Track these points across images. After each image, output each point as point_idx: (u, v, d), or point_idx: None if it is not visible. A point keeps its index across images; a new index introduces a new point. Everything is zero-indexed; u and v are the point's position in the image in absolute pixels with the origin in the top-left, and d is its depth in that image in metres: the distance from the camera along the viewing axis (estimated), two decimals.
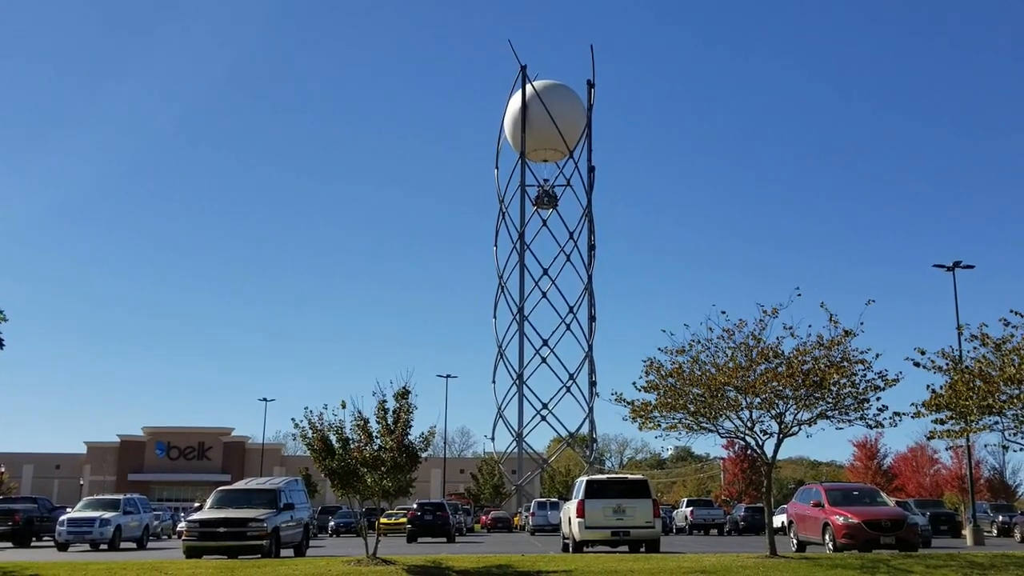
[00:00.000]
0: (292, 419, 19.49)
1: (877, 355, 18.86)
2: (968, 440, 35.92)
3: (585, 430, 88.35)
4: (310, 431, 19.14)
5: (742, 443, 28.36)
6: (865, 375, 18.82)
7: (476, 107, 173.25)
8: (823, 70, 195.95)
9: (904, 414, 18.13)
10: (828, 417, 19.35)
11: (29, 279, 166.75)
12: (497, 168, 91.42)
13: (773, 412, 19.43)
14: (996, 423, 17.54)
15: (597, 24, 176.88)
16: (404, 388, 18.91)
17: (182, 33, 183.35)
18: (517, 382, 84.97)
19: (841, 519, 22.18)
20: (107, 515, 31.46)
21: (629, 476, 26.22)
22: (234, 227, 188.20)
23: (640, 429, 20.45)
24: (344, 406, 18.97)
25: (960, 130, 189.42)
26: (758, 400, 19.25)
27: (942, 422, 17.76)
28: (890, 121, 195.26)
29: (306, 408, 19.29)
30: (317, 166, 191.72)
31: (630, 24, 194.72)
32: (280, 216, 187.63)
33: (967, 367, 17.32)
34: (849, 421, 19.43)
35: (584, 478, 25.73)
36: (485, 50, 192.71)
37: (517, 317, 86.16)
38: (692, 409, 19.60)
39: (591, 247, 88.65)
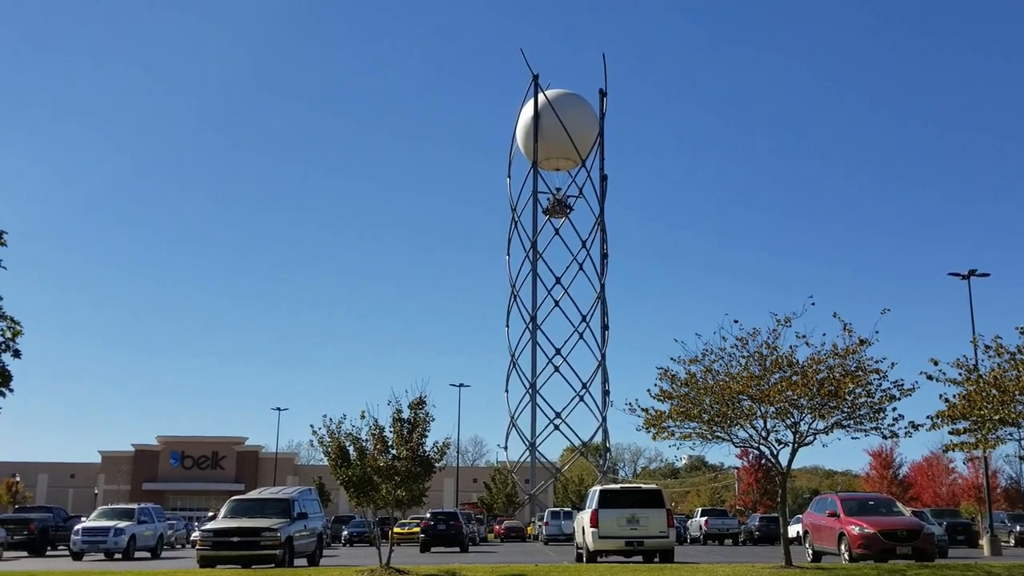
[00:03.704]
0: (311, 426, 19.57)
1: (892, 364, 18.79)
2: (985, 451, 35.72)
3: (598, 439, 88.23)
4: (328, 439, 19.19)
5: (756, 452, 28.24)
6: (880, 384, 18.75)
7: (489, 115, 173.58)
8: (838, 77, 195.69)
9: (920, 425, 18.04)
10: (843, 427, 19.27)
11: (43, 285, 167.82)
12: (509, 177, 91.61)
13: (788, 421, 19.37)
14: (1012, 435, 17.44)
15: (609, 33, 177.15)
16: (420, 398, 18.95)
17: (196, 31, 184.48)
18: (530, 391, 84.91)
19: (857, 529, 22.08)
20: (121, 524, 31.59)
21: (643, 485, 26.18)
22: (247, 234, 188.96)
23: (654, 439, 20.43)
24: (363, 416, 19.04)
25: (976, 136, 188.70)
26: (772, 409, 19.20)
27: (958, 433, 17.66)
28: (906, 127, 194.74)
29: (324, 416, 19.38)
30: (330, 171, 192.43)
31: (643, 33, 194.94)
32: (293, 223, 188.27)
33: (982, 376, 17.22)
34: (864, 431, 19.35)
35: (598, 487, 25.69)
36: (497, 58, 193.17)
37: (530, 326, 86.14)
38: (706, 418, 19.56)
39: (604, 256, 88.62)
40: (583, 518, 25.15)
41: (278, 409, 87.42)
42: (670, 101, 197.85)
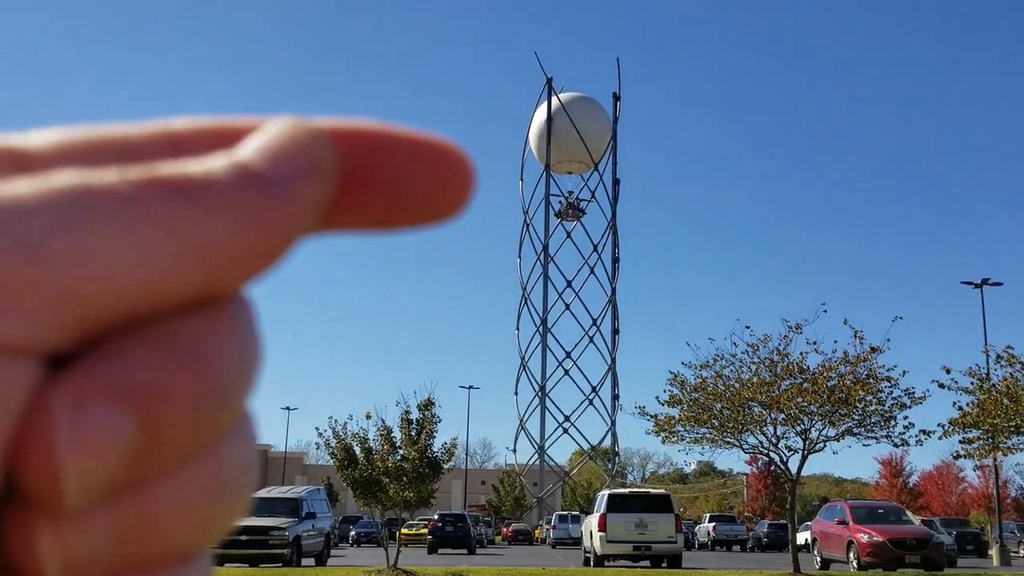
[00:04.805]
0: (316, 428, 19.68)
1: (904, 372, 18.79)
2: (995, 459, 35.66)
3: (607, 443, 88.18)
4: (334, 440, 19.24)
5: (766, 459, 28.22)
6: (891, 392, 18.74)
7: (502, 118, 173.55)
8: (851, 84, 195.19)
9: (931, 432, 18.05)
10: (854, 434, 19.26)
11: None
12: (522, 180, 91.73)
13: (798, 428, 19.36)
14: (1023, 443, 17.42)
15: (624, 37, 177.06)
16: (428, 399, 19.00)
17: (199, 41, 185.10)
18: (539, 394, 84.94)
19: (866, 537, 22.01)
20: None
21: (651, 490, 26.14)
22: None
23: (663, 443, 20.49)
24: (369, 417, 19.11)
25: (991, 142, 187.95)
26: (783, 416, 19.19)
27: (970, 441, 17.65)
28: (919, 134, 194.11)
29: (330, 418, 19.44)
30: None
31: (657, 37, 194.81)
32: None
33: (994, 385, 17.21)
34: (875, 439, 19.33)
35: (606, 492, 25.68)
36: (510, 61, 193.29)
37: (540, 329, 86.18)
38: (716, 424, 19.58)
39: (615, 260, 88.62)
40: (591, 522, 25.12)
41: (287, 408, 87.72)
42: (684, 105, 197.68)
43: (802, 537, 36.16)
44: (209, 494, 0.29)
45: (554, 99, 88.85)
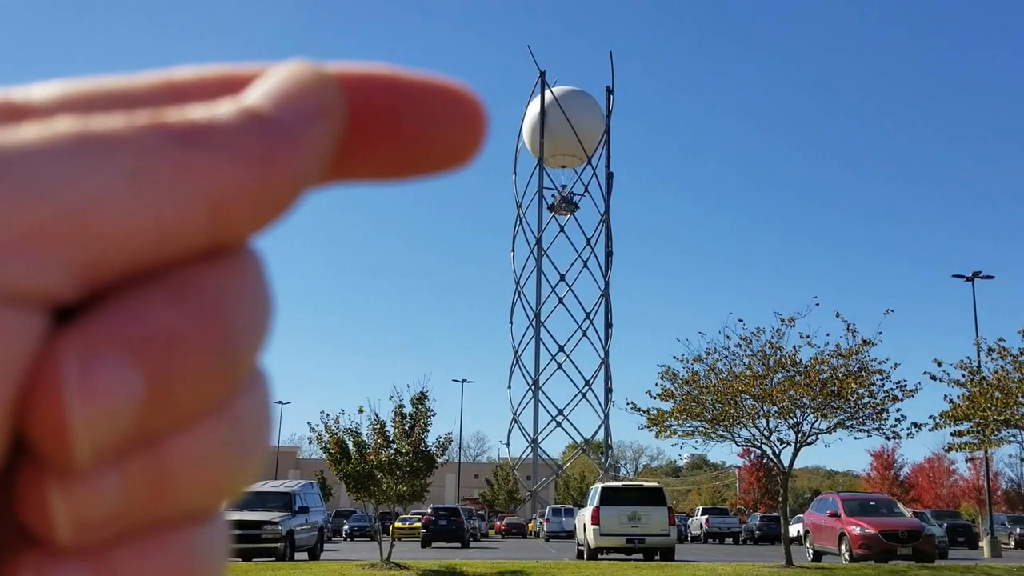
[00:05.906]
0: (308, 423, 19.67)
1: (895, 365, 18.85)
2: (986, 452, 35.85)
3: (600, 437, 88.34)
4: (326, 435, 19.24)
5: (758, 452, 28.30)
6: (883, 385, 18.81)
7: (495, 111, 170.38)
8: (845, 78, 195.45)
9: (922, 425, 18.13)
10: (846, 427, 19.34)
11: None
12: (515, 173, 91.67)
13: (790, 421, 19.43)
14: (1015, 436, 17.51)
15: (617, 30, 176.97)
16: (421, 392, 19.01)
17: (200, 41, 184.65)
18: (533, 388, 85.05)
19: (857, 529, 22.11)
20: None
21: (644, 483, 26.21)
22: None
23: (656, 437, 20.53)
24: (362, 411, 19.10)
25: (983, 137, 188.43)
26: (775, 409, 19.25)
27: (960, 434, 17.74)
28: (911, 128, 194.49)
29: (322, 412, 19.41)
30: None
31: (650, 31, 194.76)
32: (296, 217, 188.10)
33: (985, 378, 17.28)
34: (867, 431, 19.41)
35: (599, 485, 25.75)
36: (503, 54, 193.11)
37: (533, 323, 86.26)
38: (708, 417, 19.64)
39: (608, 254, 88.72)
40: (584, 515, 25.18)
41: (280, 403, 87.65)
42: (676, 99, 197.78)
43: (794, 529, 36.32)
44: (222, 451, 0.28)
45: (547, 93, 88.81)
